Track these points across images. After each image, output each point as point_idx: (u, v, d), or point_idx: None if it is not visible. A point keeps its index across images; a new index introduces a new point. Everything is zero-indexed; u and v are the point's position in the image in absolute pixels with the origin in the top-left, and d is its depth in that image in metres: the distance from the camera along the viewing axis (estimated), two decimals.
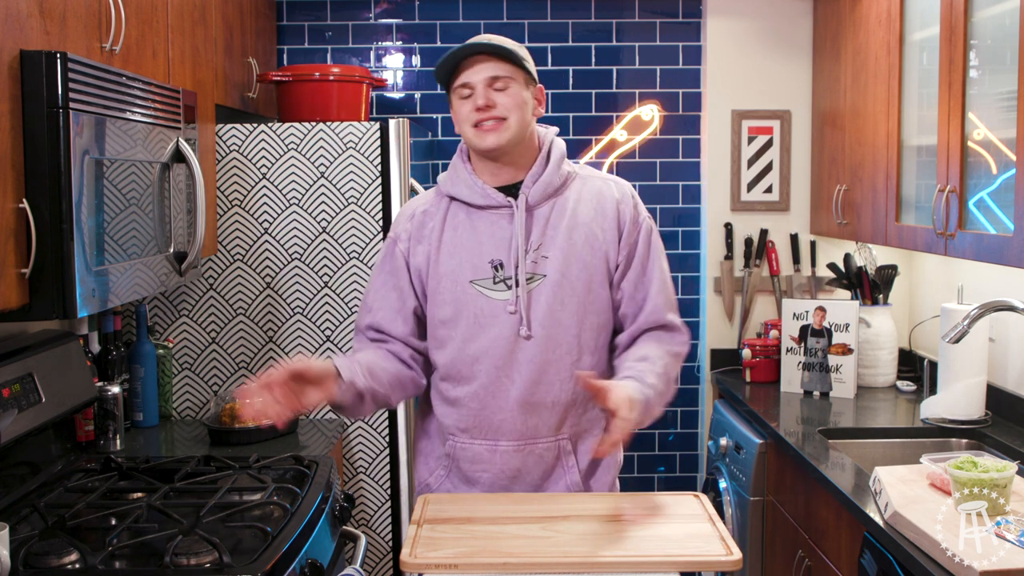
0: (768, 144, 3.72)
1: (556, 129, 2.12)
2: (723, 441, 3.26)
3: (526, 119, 1.99)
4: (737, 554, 1.63)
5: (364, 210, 2.97)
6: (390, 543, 3.05)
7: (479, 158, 2.03)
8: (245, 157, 2.98)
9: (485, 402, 2.00)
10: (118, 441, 2.62)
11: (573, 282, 1.99)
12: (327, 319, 3.01)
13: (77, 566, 1.75)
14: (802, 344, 3.31)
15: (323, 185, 2.98)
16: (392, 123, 2.97)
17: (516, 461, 2.01)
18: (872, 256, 3.51)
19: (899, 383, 3.31)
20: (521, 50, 1.99)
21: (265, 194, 2.98)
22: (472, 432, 2.02)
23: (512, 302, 1.96)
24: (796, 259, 3.73)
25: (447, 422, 2.04)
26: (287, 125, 2.98)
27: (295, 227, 2.99)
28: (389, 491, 3.04)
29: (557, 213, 2.01)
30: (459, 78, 1.97)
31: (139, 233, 2.16)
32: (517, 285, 1.97)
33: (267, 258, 3.00)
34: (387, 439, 3.04)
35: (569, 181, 2.05)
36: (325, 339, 3.02)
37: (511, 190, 2.02)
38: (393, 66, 3.77)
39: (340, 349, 3.01)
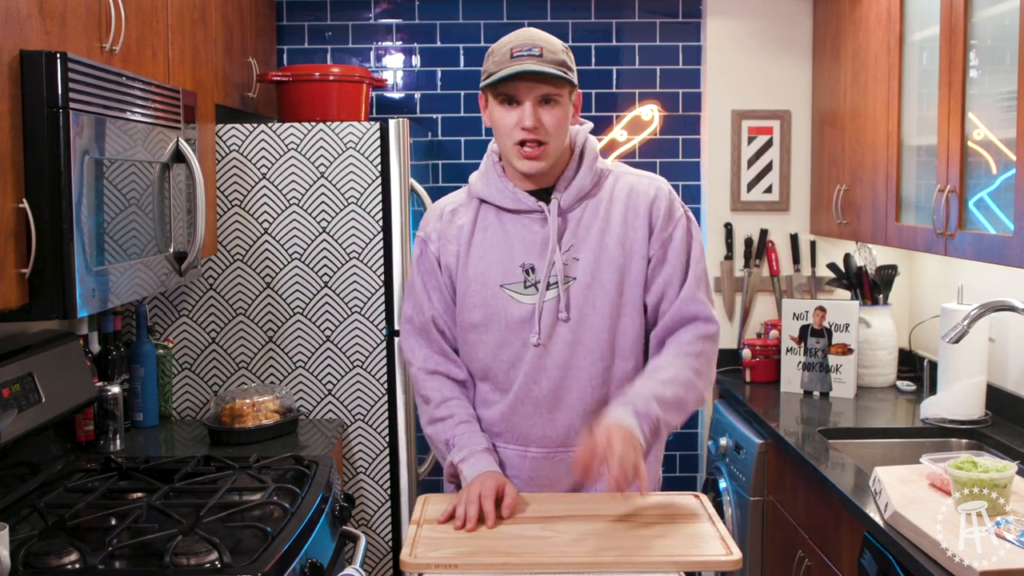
0: (768, 144, 3.72)
1: (590, 125, 2.03)
2: (723, 441, 3.26)
3: (564, 139, 1.93)
4: (737, 554, 1.63)
5: (364, 210, 2.97)
6: (390, 543, 3.04)
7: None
8: (245, 157, 2.98)
9: (516, 407, 1.97)
10: (118, 441, 2.62)
11: (605, 284, 1.92)
12: (327, 319, 3.01)
13: (77, 566, 1.75)
14: (802, 344, 3.31)
15: (323, 185, 2.98)
16: (392, 123, 2.97)
17: (546, 469, 1.98)
18: (872, 256, 3.51)
19: (899, 383, 3.31)
20: (569, 59, 1.91)
21: (265, 194, 2.98)
22: (504, 436, 2.00)
23: (538, 307, 1.91)
24: (796, 259, 3.73)
25: (484, 425, 2.01)
26: (287, 125, 2.98)
27: (295, 227, 2.99)
28: (389, 491, 3.04)
29: (590, 214, 1.95)
30: (506, 87, 1.86)
31: (139, 233, 2.16)
32: (547, 288, 1.91)
33: (267, 258, 3.00)
34: (387, 439, 3.04)
35: (602, 180, 1.98)
36: (325, 339, 3.01)
37: (542, 192, 1.96)
38: (393, 66, 3.77)
39: (340, 349, 3.01)
